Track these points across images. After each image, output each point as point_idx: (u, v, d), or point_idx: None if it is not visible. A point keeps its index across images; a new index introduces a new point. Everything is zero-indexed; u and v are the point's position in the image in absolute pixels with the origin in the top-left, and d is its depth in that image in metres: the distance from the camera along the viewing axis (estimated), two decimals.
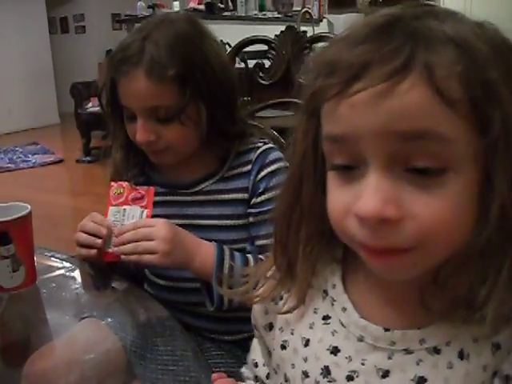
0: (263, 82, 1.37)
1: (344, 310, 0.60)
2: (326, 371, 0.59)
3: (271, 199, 1.12)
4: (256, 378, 0.77)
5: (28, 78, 8.85)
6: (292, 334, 0.64)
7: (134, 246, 1.01)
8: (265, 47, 1.40)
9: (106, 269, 1.12)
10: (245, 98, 1.40)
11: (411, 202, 0.47)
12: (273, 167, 1.14)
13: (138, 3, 5.31)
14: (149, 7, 5.40)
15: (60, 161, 6.37)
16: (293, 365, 0.63)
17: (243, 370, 0.82)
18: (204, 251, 1.06)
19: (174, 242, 1.02)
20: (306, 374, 0.61)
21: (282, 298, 0.66)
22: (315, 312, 0.63)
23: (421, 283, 0.53)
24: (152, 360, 0.91)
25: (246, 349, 1.20)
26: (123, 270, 1.14)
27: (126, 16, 5.36)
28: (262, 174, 1.13)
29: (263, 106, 1.41)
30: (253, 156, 1.15)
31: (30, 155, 6.53)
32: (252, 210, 1.14)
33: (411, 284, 0.54)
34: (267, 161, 1.14)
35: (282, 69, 1.34)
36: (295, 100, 1.35)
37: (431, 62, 0.46)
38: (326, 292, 0.63)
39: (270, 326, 0.69)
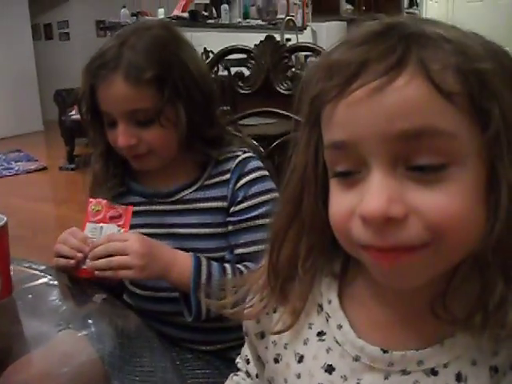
0: (242, 91, 1.37)
1: (339, 327, 0.59)
2: None
3: (250, 208, 1.12)
4: (247, 373, 0.78)
5: (12, 84, 8.78)
6: (285, 348, 0.63)
7: (107, 262, 1.01)
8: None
9: (85, 280, 1.11)
10: (224, 108, 1.40)
11: (415, 199, 0.47)
12: (252, 176, 1.14)
13: (122, 10, 5.30)
14: (132, 15, 5.39)
15: (43, 168, 6.32)
16: (285, 380, 0.62)
17: (238, 360, 0.82)
18: (180, 262, 1.06)
19: (148, 255, 1.01)
20: None
21: (275, 311, 0.65)
22: (310, 327, 0.62)
23: (427, 296, 0.53)
24: (130, 372, 0.90)
25: (225, 359, 1.21)
26: (101, 282, 1.13)
27: (109, 23, 5.35)
28: (241, 182, 1.14)
29: (242, 116, 1.41)
30: (232, 165, 1.15)
31: (13, 162, 6.48)
32: (231, 219, 1.14)
33: (414, 299, 0.54)
34: (246, 169, 1.14)
35: (261, 78, 1.34)
36: (275, 110, 1.37)
37: (426, 57, 0.46)
38: (321, 307, 0.62)
39: (262, 335, 0.68)
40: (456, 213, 0.47)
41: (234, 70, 1.83)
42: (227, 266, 1.09)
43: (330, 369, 0.58)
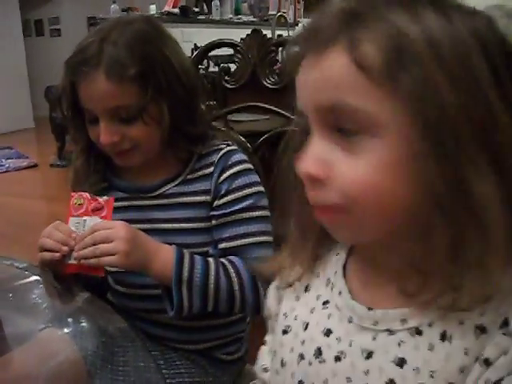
0: (229, 85, 1.35)
1: (340, 293, 0.62)
2: (318, 352, 0.61)
3: (234, 201, 1.11)
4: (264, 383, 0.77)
5: (2, 81, 8.72)
6: (295, 319, 0.67)
7: (92, 249, 0.99)
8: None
9: (69, 279, 1.09)
10: (210, 103, 1.38)
11: (336, 164, 0.51)
12: (235, 169, 1.12)
13: (112, 6, 5.27)
14: (123, 10, 5.36)
15: (34, 165, 6.29)
16: (291, 348, 0.65)
17: (255, 369, 0.81)
18: (163, 254, 1.04)
19: (133, 241, 1.00)
20: (301, 357, 0.63)
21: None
22: (317, 298, 0.65)
23: (398, 266, 0.55)
24: (113, 371, 0.89)
25: (211, 358, 1.20)
26: (86, 280, 1.11)
27: (99, 19, 5.31)
28: (225, 175, 1.12)
29: (229, 111, 1.39)
30: (215, 158, 1.14)
31: (3, 160, 6.43)
32: (214, 213, 1.12)
33: (396, 259, 0.56)
34: (229, 162, 1.13)
35: (248, 72, 1.32)
36: (262, 104, 1.35)
37: (357, 37, 0.48)
38: (329, 280, 0.65)
39: (279, 300, 0.72)
40: (372, 182, 0.49)
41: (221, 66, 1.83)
42: (210, 260, 1.08)
43: (328, 332, 0.61)
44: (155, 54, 1.05)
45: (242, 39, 1.34)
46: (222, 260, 1.09)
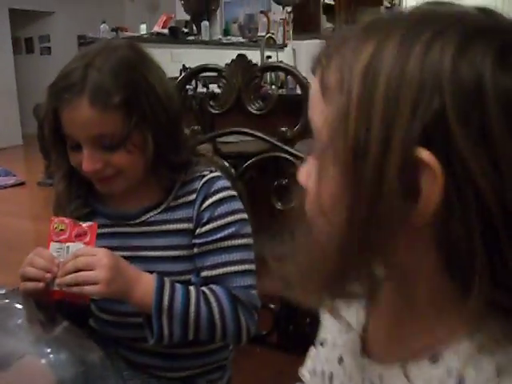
0: (214, 110, 1.35)
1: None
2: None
3: (216, 229, 1.10)
4: None
5: None
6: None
7: (74, 276, 0.98)
8: None
9: (52, 307, 1.08)
10: (195, 127, 1.38)
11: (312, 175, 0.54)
12: (218, 196, 1.11)
13: (101, 26, 5.27)
14: (112, 30, 5.36)
15: (21, 183, 6.25)
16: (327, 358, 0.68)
17: None
18: (144, 282, 1.03)
19: (115, 270, 0.98)
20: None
21: None
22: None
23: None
24: None
25: None
26: (69, 307, 1.10)
27: (89, 38, 5.31)
28: (207, 203, 1.11)
29: (214, 135, 1.39)
30: (197, 185, 1.12)
31: None
32: (196, 241, 1.11)
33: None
34: (212, 190, 1.12)
35: (232, 97, 1.32)
36: (246, 130, 1.35)
37: (325, 65, 0.51)
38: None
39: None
40: (311, 198, 0.53)
41: (212, 86, 1.83)
42: (191, 288, 1.07)
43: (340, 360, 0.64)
44: (140, 81, 1.04)
45: (226, 64, 1.34)
46: (203, 289, 1.08)
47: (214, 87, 1.78)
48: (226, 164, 1.36)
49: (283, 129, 1.31)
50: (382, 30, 0.48)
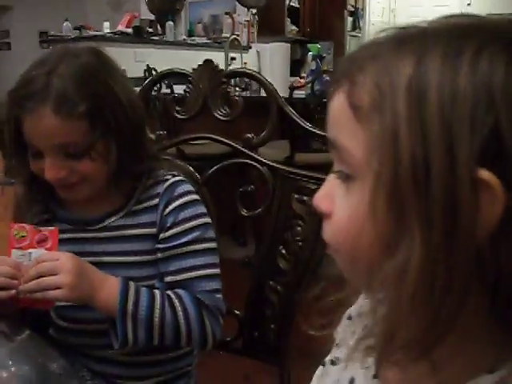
0: (180, 116, 1.34)
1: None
2: None
3: (179, 234, 1.10)
4: None
5: None
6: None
7: (37, 282, 0.96)
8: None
9: (16, 316, 1.06)
10: (160, 132, 1.37)
11: (338, 201, 0.51)
12: (181, 201, 1.11)
13: (64, 24, 5.19)
14: (75, 28, 5.29)
15: None
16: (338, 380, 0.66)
17: None
18: (109, 286, 1.02)
19: (79, 274, 0.97)
20: None
21: None
22: None
23: None
24: None
25: None
26: (30, 316, 1.09)
27: (51, 36, 5.23)
28: (170, 207, 1.10)
29: (180, 141, 1.38)
30: (160, 189, 1.12)
31: None
32: (160, 246, 1.11)
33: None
34: (175, 194, 1.11)
35: (199, 103, 1.32)
36: (212, 135, 1.35)
37: (354, 79, 0.48)
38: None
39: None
40: (344, 225, 0.50)
41: (177, 87, 1.81)
42: (156, 292, 1.06)
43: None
44: (104, 90, 1.03)
45: (193, 69, 1.33)
46: (169, 293, 1.07)
47: (178, 88, 1.76)
48: (191, 169, 1.35)
49: (249, 135, 1.31)
50: (418, 45, 0.46)
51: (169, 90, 3.21)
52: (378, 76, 0.46)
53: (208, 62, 1.32)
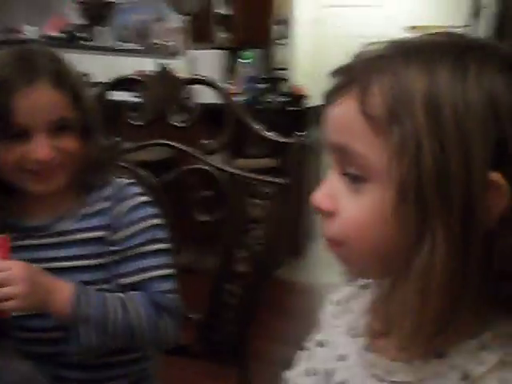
0: (134, 122, 1.34)
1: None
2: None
3: (132, 235, 1.10)
4: None
5: None
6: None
7: None
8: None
9: None
10: (115, 138, 1.37)
11: (344, 200, 0.56)
12: (132, 202, 1.12)
13: None
14: (6, 31, 5.10)
15: None
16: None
17: None
18: (61, 291, 1.02)
19: (31, 282, 0.97)
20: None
21: None
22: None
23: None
24: None
25: None
26: None
27: None
28: (122, 209, 1.11)
29: (135, 148, 1.38)
30: (110, 192, 1.13)
31: None
32: (113, 248, 1.11)
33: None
34: (126, 196, 1.13)
35: (154, 110, 1.32)
36: (169, 142, 1.35)
37: (367, 87, 0.52)
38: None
39: None
40: (359, 222, 0.54)
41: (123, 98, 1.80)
42: (108, 295, 1.07)
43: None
44: (79, 82, 1.08)
45: (148, 76, 1.34)
46: (121, 295, 1.08)
47: (129, 95, 1.76)
48: (145, 173, 1.36)
49: (205, 141, 1.33)
50: (428, 58, 0.51)
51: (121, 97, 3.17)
52: (392, 89, 0.51)
53: (164, 68, 1.33)
